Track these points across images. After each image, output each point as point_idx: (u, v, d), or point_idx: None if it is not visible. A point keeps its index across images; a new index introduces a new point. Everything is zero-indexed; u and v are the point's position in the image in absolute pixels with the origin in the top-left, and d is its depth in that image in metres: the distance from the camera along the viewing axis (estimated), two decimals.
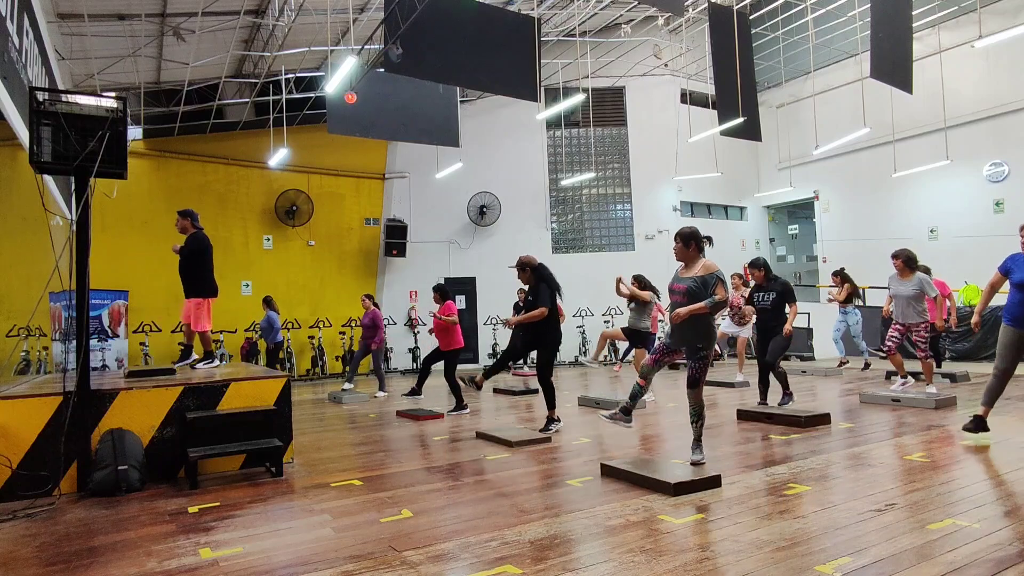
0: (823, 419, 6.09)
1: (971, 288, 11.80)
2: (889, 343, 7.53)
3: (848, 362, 10.70)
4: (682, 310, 4.32)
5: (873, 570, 2.65)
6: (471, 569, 2.84)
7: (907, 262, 7.23)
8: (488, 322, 14.84)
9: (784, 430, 5.86)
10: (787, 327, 6.69)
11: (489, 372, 6.27)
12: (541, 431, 5.98)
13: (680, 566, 2.77)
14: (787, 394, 7.06)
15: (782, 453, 4.95)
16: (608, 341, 8.45)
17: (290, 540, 3.30)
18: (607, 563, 2.83)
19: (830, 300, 10.42)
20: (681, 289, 4.44)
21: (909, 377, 7.65)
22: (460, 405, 7.72)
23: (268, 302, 10.74)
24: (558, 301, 6.25)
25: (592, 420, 6.89)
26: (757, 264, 7.05)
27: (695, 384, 4.40)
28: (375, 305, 10.07)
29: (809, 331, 13.28)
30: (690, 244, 4.53)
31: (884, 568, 2.67)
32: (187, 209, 6.50)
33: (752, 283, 7.34)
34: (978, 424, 5.14)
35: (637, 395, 4.70)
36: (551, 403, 6.20)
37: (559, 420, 6.25)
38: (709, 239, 4.63)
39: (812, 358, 12.58)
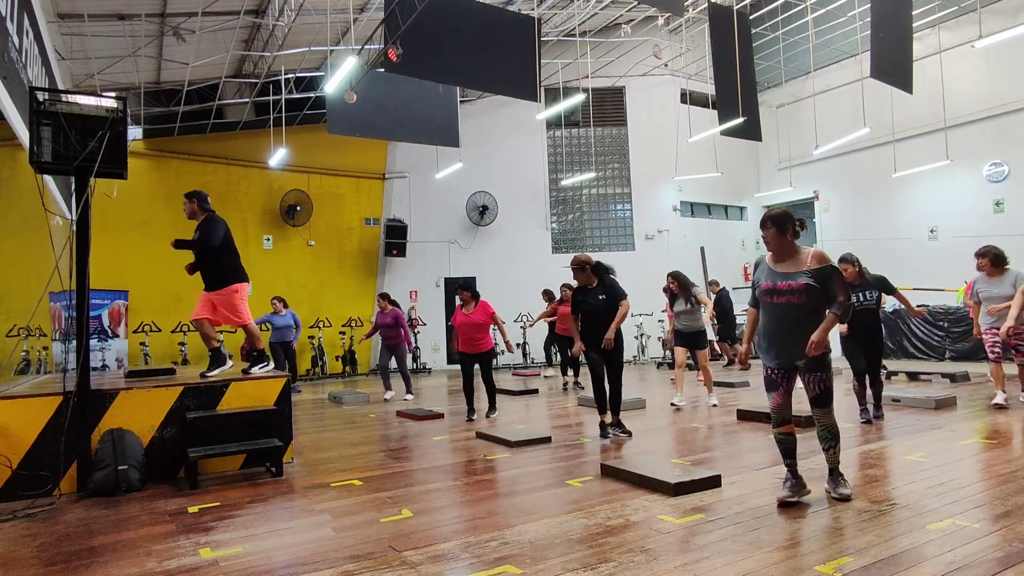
0: None
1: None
2: (995, 350, 6.56)
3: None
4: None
5: (873, 570, 2.65)
6: (471, 569, 2.84)
7: (995, 260, 6.53)
8: None
9: None
10: (919, 310, 6.31)
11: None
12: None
13: (680, 566, 2.77)
14: (878, 407, 6.29)
15: None
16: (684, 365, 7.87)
17: (290, 540, 3.30)
18: (607, 563, 2.83)
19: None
20: (792, 287, 3.62)
21: (1006, 392, 6.69)
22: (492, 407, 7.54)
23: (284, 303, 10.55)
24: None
25: (593, 420, 6.88)
26: (849, 259, 6.16)
27: (825, 402, 3.67)
28: (394, 304, 9.49)
29: None
30: (786, 228, 3.68)
31: (884, 568, 2.67)
32: (194, 190, 5.68)
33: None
34: None
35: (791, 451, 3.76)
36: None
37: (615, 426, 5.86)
38: (802, 222, 3.77)
39: None
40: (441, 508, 3.81)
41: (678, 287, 7.56)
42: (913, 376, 9.61)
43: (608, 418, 5.87)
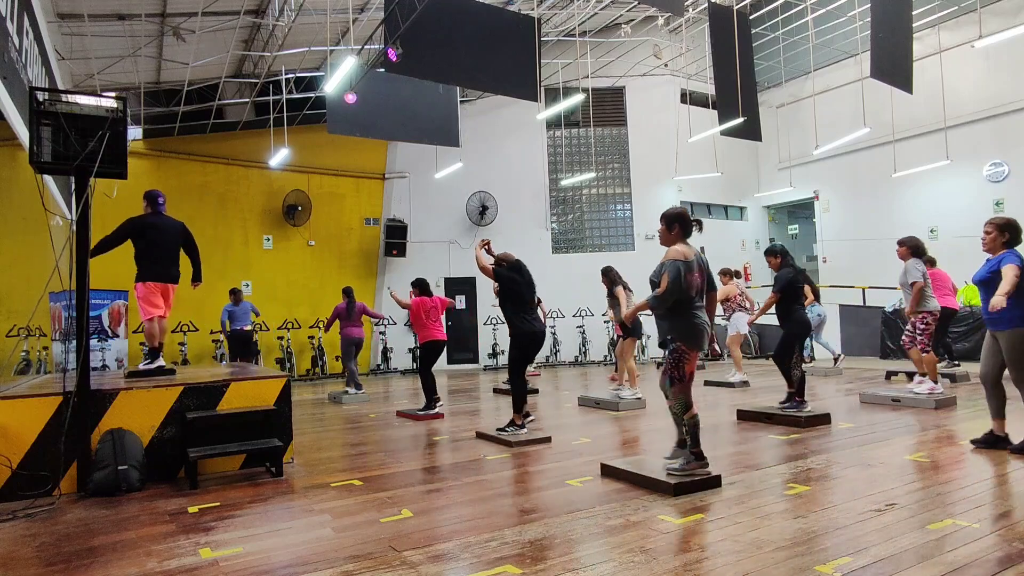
0: (823, 419, 6.09)
1: (971, 288, 11.79)
2: (904, 336, 7.25)
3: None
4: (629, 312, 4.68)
5: (873, 570, 2.65)
6: (471, 569, 2.84)
7: (914, 251, 7.06)
8: (488, 322, 14.84)
9: (784, 430, 5.85)
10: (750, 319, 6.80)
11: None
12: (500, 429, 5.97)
13: (680, 566, 2.77)
14: (790, 395, 6.47)
15: (782, 453, 4.95)
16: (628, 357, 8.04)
17: (290, 540, 3.30)
18: (607, 563, 2.83)
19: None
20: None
21: (926, 379, 7.21)
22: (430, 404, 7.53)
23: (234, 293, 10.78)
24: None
25: (593, 420, 6.89)
26: (771, 251, 6.54)
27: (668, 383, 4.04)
28: (344, 297, 9.48)
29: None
30: (673, 226, 4.31)
31: (884, 568, 2.67)
32: (147, 191, 6.12)
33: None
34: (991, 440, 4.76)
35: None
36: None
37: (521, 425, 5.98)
38: (698, 222, 4.24)
39: (812, 358, 12.58)
40: (441, 508, 3.81)
41: (608, 283, 7.78)
42: (913, 376, 9.59)
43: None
